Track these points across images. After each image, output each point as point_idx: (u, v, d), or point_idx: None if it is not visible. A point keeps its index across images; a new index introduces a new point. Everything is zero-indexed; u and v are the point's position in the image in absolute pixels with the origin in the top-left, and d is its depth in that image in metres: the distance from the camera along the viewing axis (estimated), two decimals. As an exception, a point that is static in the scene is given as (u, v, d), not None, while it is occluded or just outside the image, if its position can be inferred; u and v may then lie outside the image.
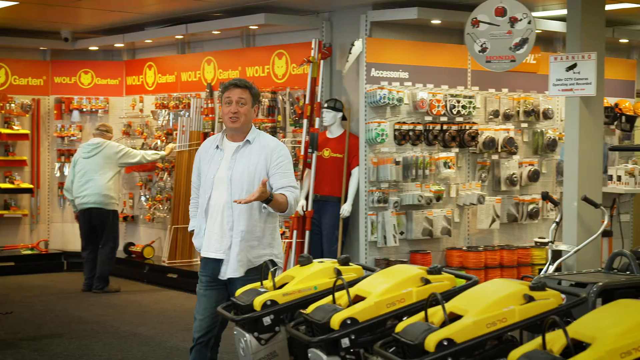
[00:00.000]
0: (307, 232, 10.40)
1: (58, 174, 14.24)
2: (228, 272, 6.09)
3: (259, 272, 5.80)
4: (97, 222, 11.92)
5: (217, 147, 6.23)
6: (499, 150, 10.72)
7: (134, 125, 13.98)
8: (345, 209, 10.12)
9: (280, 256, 6.25)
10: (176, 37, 12.80)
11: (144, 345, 8.97)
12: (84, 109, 14.30)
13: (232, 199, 6.02)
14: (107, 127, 12.22)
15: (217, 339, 6.28)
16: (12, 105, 13.95)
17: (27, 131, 14.08)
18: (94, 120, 14.17)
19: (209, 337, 6.20)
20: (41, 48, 14.44)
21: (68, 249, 14.12)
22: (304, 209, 10.39)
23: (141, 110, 13.96)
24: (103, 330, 9.63)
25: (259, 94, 6.37)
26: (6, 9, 11.47)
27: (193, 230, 6.36)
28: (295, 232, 10.48)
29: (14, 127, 13.95)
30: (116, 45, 13.88)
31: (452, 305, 4.58)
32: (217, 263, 6.12)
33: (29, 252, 13.94)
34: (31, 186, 14.11)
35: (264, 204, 5.99)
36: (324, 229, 10.35)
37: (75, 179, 11.83)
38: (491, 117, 10.72)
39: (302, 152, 10.49)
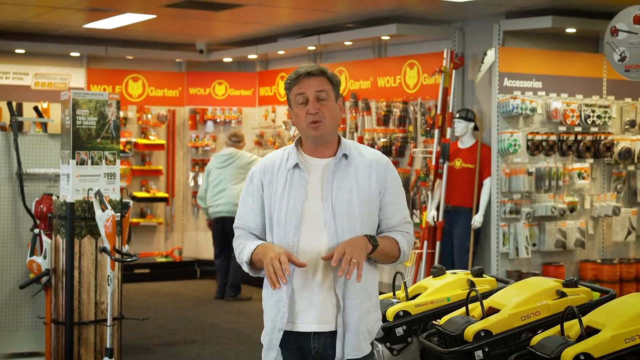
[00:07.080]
0: (438, 243, 10.36)
1: (192, 184, 14.51)
2: (348, 351, 4.04)
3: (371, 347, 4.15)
4: (230, 231, 12.00)
5: (297, 165, 4.11)
6: (636, 161, 10.49)
7: (266, 135, 14.16)
8: (477, 220, 10.04)
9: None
10: (308, 48, 12.91)
11: (276, 353, 9.05)
12: (218, 120, 14.55)
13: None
14: (239, 137, 12.28)
15: None
16: (149, 115, 14.30)
17: (162, 141, 14.41)
18: (228, 130, 14.38)
19: None
20: (177, 60, 14.77)
21: (201, 257, 14.37)
22: (435, 220, 10.36)
23: (273, 121, 14.12)
24: (235, 338, 9.76)
25: (340, 82, 4.25)
26: (144, 23, 11.77)
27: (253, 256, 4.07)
28: (425, 242, 10.46)
29: (151, 137, 14.29)
30: (249, 56, 14.08)
31: (589, 319, 4.51)
32: (306, 338, 4.07)
33: (164, 259, 14.24)
34: (166, 195, 14.42)
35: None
36: (455, 240, 10.29)
37: (209, 188, 12.02)
38: (627, 127, 10.50)
39: (434, 163, 10.46)
